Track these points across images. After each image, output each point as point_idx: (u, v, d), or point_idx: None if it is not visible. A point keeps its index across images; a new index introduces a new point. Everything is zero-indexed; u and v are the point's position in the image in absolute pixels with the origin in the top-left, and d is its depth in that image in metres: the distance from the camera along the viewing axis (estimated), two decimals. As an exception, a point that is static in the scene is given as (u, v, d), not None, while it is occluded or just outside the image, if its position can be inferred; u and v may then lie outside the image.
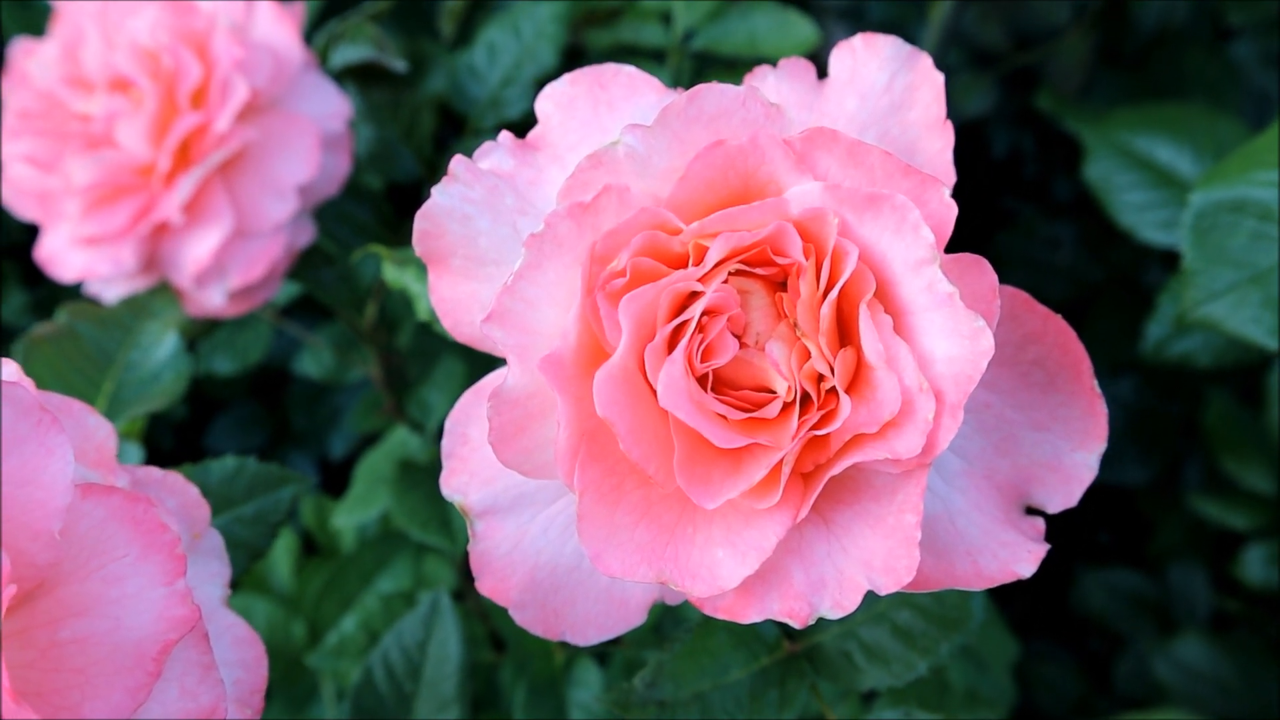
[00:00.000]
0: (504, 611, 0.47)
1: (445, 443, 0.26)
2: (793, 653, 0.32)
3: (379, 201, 0.56)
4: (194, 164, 0.39)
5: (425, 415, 0.59)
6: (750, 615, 0.21)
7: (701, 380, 0.21)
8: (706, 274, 0.21)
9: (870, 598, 0.32)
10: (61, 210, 0.40)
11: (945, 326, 0.20)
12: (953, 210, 0.21)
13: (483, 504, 0.25)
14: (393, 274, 0.39)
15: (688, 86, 0.48)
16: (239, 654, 0.22)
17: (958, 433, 0.23)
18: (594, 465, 0.21)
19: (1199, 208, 0.35)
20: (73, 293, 0.48)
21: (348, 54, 0.52)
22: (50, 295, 0.74)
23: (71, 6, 0.42)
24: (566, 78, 0.26)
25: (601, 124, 0.25)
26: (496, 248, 0.25)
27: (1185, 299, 0.35)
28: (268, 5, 0.43)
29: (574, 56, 0.61)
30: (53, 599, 0.20)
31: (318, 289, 0.48)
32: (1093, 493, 0.74)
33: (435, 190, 0.25)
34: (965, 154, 0.83)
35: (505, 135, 0.26)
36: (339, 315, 0.57)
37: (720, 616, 0.22)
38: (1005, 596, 0.91)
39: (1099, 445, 0.23)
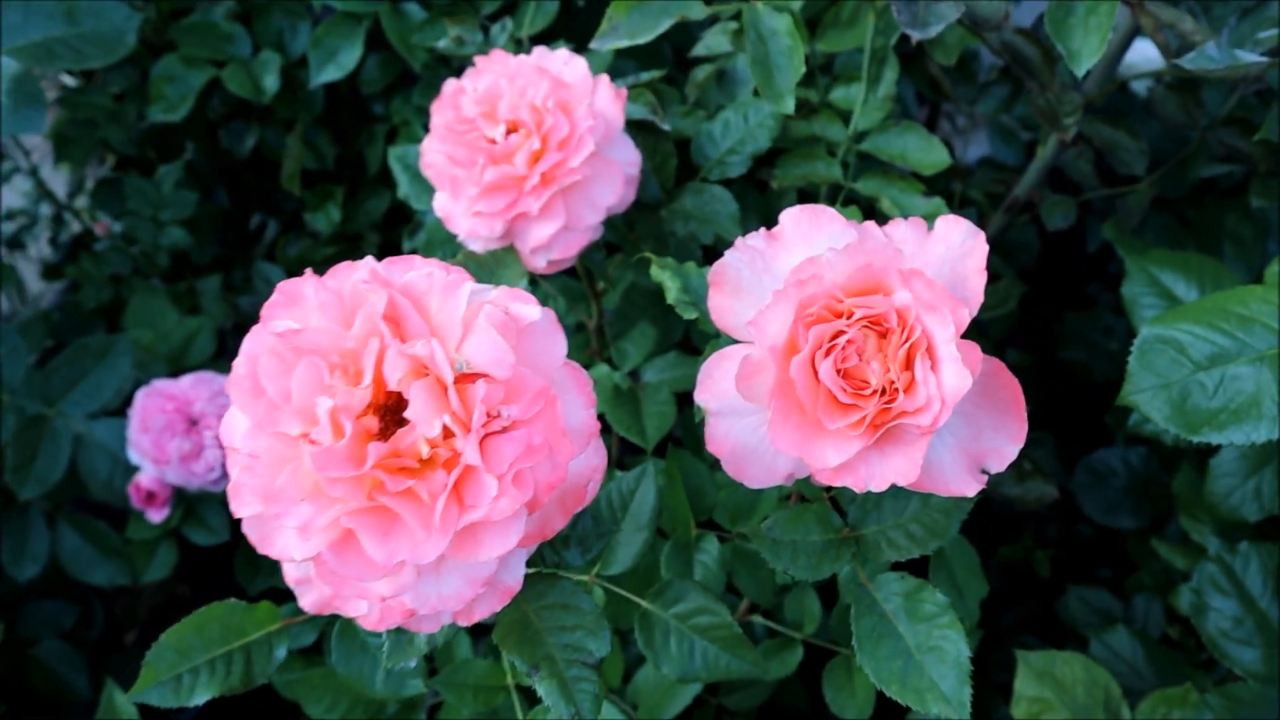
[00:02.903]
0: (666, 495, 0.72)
1: (700, 375, 0.51)
2: (848, 536, 0.57)
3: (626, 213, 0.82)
4: (550, 184, 0.66)
5: (621, 359, 0.85)
6: (837, 481, 0.46)
7: (837, 371, 0.46)
8: (850, 324, 0.46)
9: (897, 512, 0.56)
10: (464, 191, 0.67)
11: (951, 369, 0.45)
12: (967, 319, 0.45)
13: (716, 409, 0.50)
14: (655, 272, 0.64)
15: (853, 177, 0.74)
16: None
17: (951, 423, 0.47)
18: (781, 399, 0.46)
19: (1144, 336, 0.59)
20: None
21: (631, 110, 0.78)
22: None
23: (489, 63, 0.69)
24: (800, 207, 0.51)
25: (810, 236, 0.50)
26: (748, 286, 0.50)
27: (1125, 389, 0.59)
28: (607, 87, 0.69)
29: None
30: (542, 404, 0.46)
31: (591, 265, 0.75)
32: (1096, 533, 0.98)
33: (727, 252, 0.50)
34: (1064, 244, 1.12)
35: (763, 230, 0.51)
36: (584, 281, 0.84)
37: (823, 481, 0.47)
38: (1007, 603, 1.14)
39: (1020, 444, 0.47)
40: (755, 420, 0.50)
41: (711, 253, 0.83)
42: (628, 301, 0.91)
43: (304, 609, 0.45)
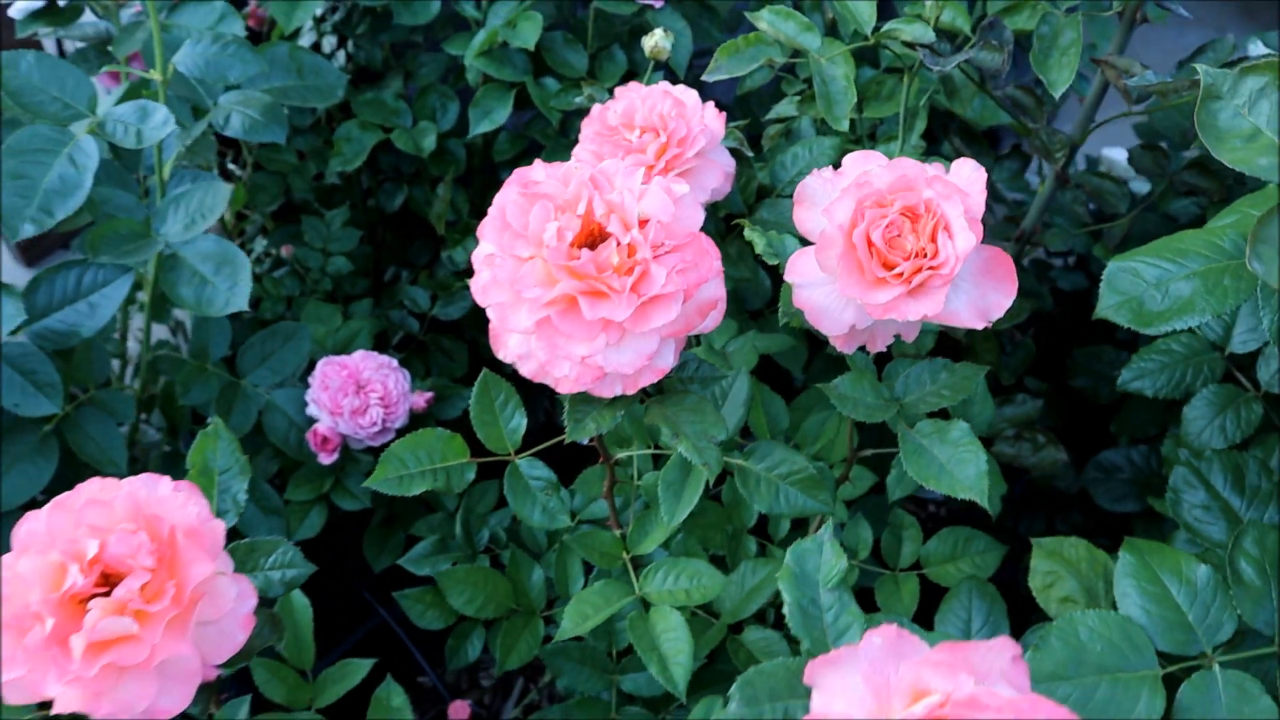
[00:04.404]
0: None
1: (788, 266, 0.72)
2: (894, 403, 0.77)
3: (716, 219, 1.05)
4: (671, 169, 0.89)
5: (708, 341, 1.07)
6: (885, 315, 0.67)
7: (885, 240, 0.68)
8: (895, 210, 0.68)
9: (932, 380, 0.77)
10: (605, 178, 0.91)
11: (962, 235, 0.66)
12: (974, 207, 0.67)
13: (799, 283, 0.71)
14: (748, 233, 0.87)
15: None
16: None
17: (964, 286, 0.68)
18: (846, 259, 0.68)
19: (1111, 268, 0.79)
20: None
21: (725, 141, 1.03)
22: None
23: (626, 91, 0.94)
24: (857, 151, 0.74)
25: (862, 166, 0.73)
26: (820, 199, 0.72)
27: (1098, 307, 0.79)
28: (713, 109, 0.93)
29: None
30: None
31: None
32: (1106, 518, 1.19)
33: (806, 178, 0.73)
34: (1076, 311, 1.39)
35: (830, 166, 0.74)
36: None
37: (877, 316, 0.68)
38: (1032, 609, 1.29)
39: (1011, 298, 0.68)
40: (827, 289, 0.71)
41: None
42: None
43: (524, 375, 0.65)
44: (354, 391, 1.09)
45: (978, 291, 0.69)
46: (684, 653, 0.77)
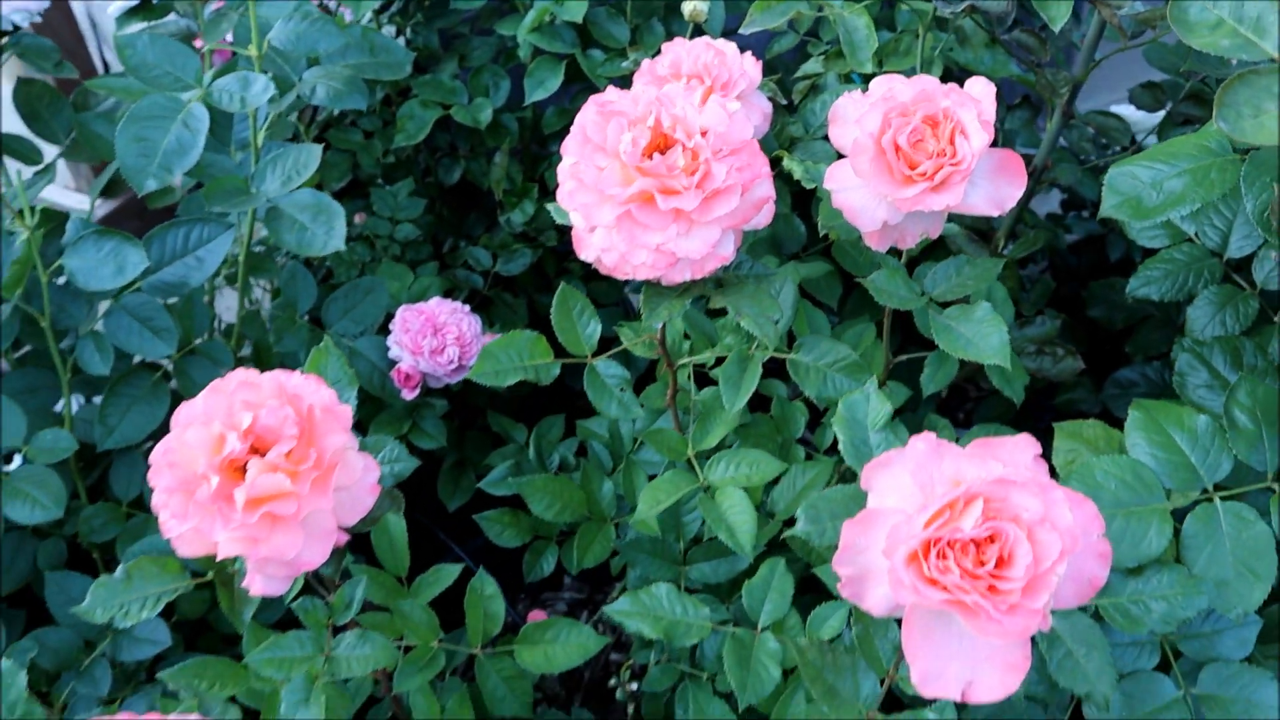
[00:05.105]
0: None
1: (825, 175, 0.83)
2: (924, 296, 0.88)
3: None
4: (715, 110, 1.01)
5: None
6: (913, 208, 0.78)
7: (910, 144, 0.79)
8: (917, 118, 0.79)
9: (957, 273, 0.88)
10: (657, 122, 1.02)
11: (976, 135, 0.77)
12: (986, 112, 0.78)
13: (836, 189, 0.82)
14: (787, 163, 0.98)
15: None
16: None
17: (980, 182, 0.79)
18: (876, 162, 0.79)
19: (1111, 173, 0.90)
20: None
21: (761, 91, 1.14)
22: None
23: (671, 46, 1.05)
24: (882, 75, 0.85)
25: (887, 85, 0.84)
26: (851, 113, 0.83)
27: (1102, 207, 0.90)
28: (750, 57, 1.05)
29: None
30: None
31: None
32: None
33: (838, 99, 0.83)
34: (1097, 248, 1.52)
35: (858, 91, 0.85)
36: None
37: (907, 209, 0.78)
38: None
39: (1021, 191, 0.79)
40: (860, 192, 0.82)
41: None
42: (750, 250, 1.24)
43: (603, 271, 0.76)
44: (432, 333, 1.20)
45: (992, 186, 0.80)
46: (748, 521, 0.88)
